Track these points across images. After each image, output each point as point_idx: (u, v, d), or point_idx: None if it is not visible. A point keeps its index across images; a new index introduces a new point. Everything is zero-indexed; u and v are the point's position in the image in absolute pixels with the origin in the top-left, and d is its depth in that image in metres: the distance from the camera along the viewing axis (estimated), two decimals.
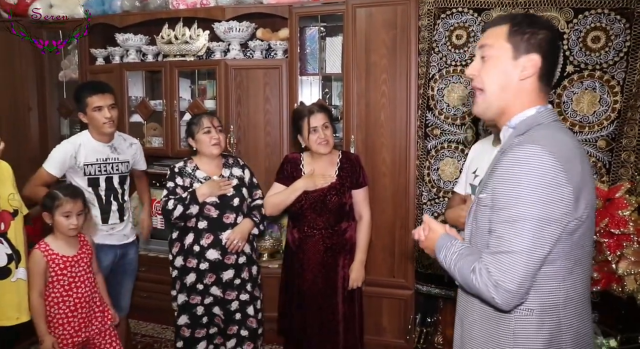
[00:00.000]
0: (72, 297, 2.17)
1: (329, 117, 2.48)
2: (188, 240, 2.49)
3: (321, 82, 3.25)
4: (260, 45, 3.27)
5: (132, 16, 3.49)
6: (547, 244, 1.13)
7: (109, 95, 2.55)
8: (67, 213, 2.14)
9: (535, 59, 1.21)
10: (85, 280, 2.21)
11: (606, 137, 2.59)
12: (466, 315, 1.33)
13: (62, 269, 2.15)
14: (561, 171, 1.11)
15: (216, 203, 2.47)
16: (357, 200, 2.52)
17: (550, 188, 1.11)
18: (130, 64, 3.53)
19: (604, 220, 2.36)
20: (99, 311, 2.27)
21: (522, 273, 1.11)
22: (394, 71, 2.90)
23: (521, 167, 1.13)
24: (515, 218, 1.12)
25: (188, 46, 3.31)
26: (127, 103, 3.48)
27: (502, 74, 1.24)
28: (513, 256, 1.11)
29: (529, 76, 1.22)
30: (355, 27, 2.94)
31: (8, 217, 2.11)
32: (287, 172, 2.52)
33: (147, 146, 3.41)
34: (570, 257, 1.18)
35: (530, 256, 1.11)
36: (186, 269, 2.48)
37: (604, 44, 2.54)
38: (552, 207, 1.11)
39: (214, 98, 3.34)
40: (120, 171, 2.64)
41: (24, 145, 3.79)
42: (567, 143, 1.19)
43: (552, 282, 1.18)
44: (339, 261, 2.47)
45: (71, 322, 2.16)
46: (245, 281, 2.54)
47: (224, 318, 2.52)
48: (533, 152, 1.13)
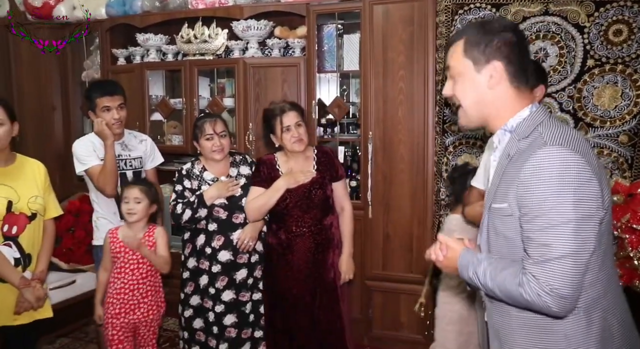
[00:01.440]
0: (120, 280, 2.29)
1: (301, 115, 2.44)
2: (200, 241, 2.48)
3: (339, 79, 3.27)
4: (278, 43, 3.30)
5: (152, 16, 3.55)
6: (591, 243, 1.12)
7: (118, 96, 2.56)
8: (125, 198, 2.31)
9: (498, 66, 1.22)
10: (135, 268, 2.30)
11: (628, 132, 2.55)
12: (503, 326, 1.29)
13: (117, 253, 2.31)
14: (585, 165, 1.11)
15: (225, 204, 2.45)
16: (338, 193, 2.49)
17: (582, 186, 1.10)
18: (150, 63, 3.59)
19: (626, 216, 2.33)
20: (143, 302, 2.32)
21: (574, 276, 1.10)
22: (411, 68, 2.90)
23: (548, 171, 1.11)
24: (555, 223, 1.10)
25: (207, 45, 3.35)
26: (147, 102, 3.55)
27: (472, 89, 1.26)
28: (562, 261, 1.09)
29: (497, 84, 1.23)
30: (373, 24, 2.95)
31: (24, 221, 2.09)
32: (265, 174, 2.44)
33: (167, 144, 3.47)
34: (601, 248, 1.18)
35: (578, 257, 1.10)
36: (199, 271, 2.48)
37: (626, 37, 2.51)
38: (587, 204, 1.10)
39: (233, 96, 3.39)
40: (134, 166, 2.67)
41: (49, 143, 3.90)
42: (577, 137, 1.19)
43: (590, 275, 1.16)
44: (328, 257, 2.44)
45: (115, 303, 2.28)
46: (257, 279, 2.52)
47: (238, 321, 2.47)
48: (555, 154, 1.12)
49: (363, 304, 3.13)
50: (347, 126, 3.29)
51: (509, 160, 1.23)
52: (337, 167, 2.49)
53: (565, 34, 2.64)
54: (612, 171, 2.58)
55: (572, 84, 2.65)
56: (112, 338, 2.31)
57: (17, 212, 2.07)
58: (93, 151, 2.54)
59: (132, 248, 2.29)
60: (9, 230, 2.05)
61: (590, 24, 2.57)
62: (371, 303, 3.12)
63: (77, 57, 3.91)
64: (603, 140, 2.61)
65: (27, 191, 2.12)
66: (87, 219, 3.25)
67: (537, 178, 1.12)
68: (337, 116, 3.17)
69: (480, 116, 1.29)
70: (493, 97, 1.25)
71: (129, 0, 3.60)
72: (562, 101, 2.67)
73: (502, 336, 1.29)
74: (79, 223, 3.30)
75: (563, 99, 2.67)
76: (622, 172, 2.57)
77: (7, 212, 2.03)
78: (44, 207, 2.18)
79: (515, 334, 1.25)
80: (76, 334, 3.30)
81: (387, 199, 3.01)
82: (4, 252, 2.04)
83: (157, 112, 3.60)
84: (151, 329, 2.40)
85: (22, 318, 2.10)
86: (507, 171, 1.22)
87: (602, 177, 1.17)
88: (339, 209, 2.51)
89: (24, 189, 2.11)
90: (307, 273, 2.41)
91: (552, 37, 2.67)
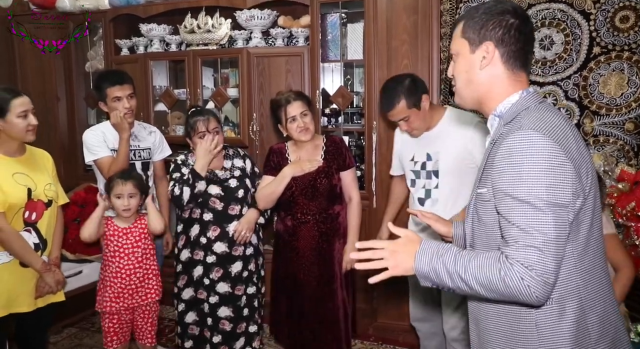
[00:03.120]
0: (115, 264, 2.30)
1: (307, 105, 2.44)
2: (194, 232, 2.47)
3: (343, 68, 3.25)
4: (281, 32, 3.29)
5: (156, 6, 3.54)
6: (566, 227, 1.10)
7: (128, 85, 2.58)
8: (118, 195, 2.29)
9: (489, 47, 1.22)
10: (129, 253, 2.32)
11: (634, 120, 2.54)
12: (479, 312, 1.28)
13: (112, 236, 2.32)
14: (558, 150, 1.09)
15: (220, 195, 2.46)
16: (346, 182, 2.50)
17: (554, 170, 1.08)
18: (154, 53, 3.59)
19: (631, 203, 2.32)
20: (141, 286, 2.35)
21: (555, 261, 1.08)
22: (415, 57, 2.89)
23: (520, 155, 1.09)
24: (529, 208, 1.08)
25: (210, 35, 3.34)
26: (151, 92, 3.55)
27: (465, 69, 1.27)
28: (542, 247, 1.07)
29: (487, 65, 1.23)
30: (377, 13, 2.93)
31: (42, 208, 2.17)
32: (274, 163, 2.50)
33: (171, 135, 3.47)
34: (579, 237, 1.16)
35: (557, 243, 1.08)
36: (193, 261, 2.47)
37: (633, 23, 2.49)
38: (562, 188, 1.09)
39: (237, 86, 3.38)
40: (143, 157, 2.70)
41: (53, 134, 3.92)
42: (557, 122, 1.16)
43: (566, 265, 1.14)
44: (334, 246, 2.46)
45: (112, 286, 2.30)
46: (252, 272, 2.53)
47: (234, 315, 2.48)
48: (526, 137, 1.10)
49: (367, 294, 3.14)
50: (351, 116, 3.29)
51: (492, 145, 1.22)
52: (345, 157, 2.50)
53: (571, 21, 2.62)
54: (617, 159, 2.57)
55: (578, 71, 2.63)
56: (108, 329, 2.32)
57: (36, 199, 2.14)
58: (103, 141, 2.56)
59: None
60: (29, 216, 2.13)
61: (596, 11, 2.55)
62: (375, 293, 3.12)
63: (80, 48, 3.91)
64: (609, 128, 2.60)
65: (42, 179, 2.20)
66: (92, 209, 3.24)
67: (508, 161, 1.11)
68: (341, 106, 3.16)
69: (473, 97, 1.29)
70: (484, 79, 1.24)
71: None
72: (568, 88, 2.65)
73: (480, 322, 1.28)
74: (84, 214, 3.30)
75: (568, 87, 2.65)
76: (628, 160, 2.56)
77: (28, 199, 2.11)
78: (58, 195, 2.26)
79: (490, 321, 1.25)
80: (82, 324, 3.33)
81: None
82: (25, 238, 2.11)
83: (161, 102, 3.60)
84: (149, 321, 2.41)
85: (38, 301, 2.18)
86: (490, 156, 1.21)
87: (581, 164, 1.14)
88: (347, 198, 2.52)
89: (39, 177, 2.19)
90: (312, 260, 2.43)
91: (558, 24, 2.65)
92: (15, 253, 2.08)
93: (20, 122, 2.08)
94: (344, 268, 2.46)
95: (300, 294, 2.46)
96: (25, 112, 2.09)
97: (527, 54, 1.24)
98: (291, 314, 2.50)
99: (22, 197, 2.09)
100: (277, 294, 2.56)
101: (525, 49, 1.23)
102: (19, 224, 2.10)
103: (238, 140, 3.31)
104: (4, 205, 2.04)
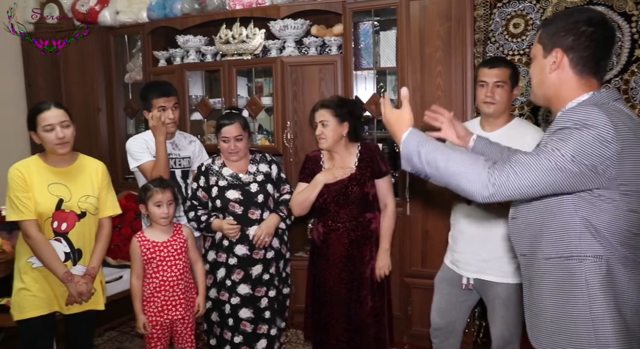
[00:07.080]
0: (158, 279, 2.33)
1: (332, 113, 2.43)
2: (218, 234, 2.54)
3: (376, 76, 3.26)
4: (315, 41, 3.32)
5: (192, 18, 3.63)
6: (561, 181, 1.18)
7: (173, 97, 2.69)
8: (158, 203, 2.32)
9: (558, 53, 1.32)
10: (172, 265, 2.35)
11: None
12: (532, 271, 1.38)
13: (152, 253, 2.33)
14: (611, 129, 1.15)
15: (240, 200, 2.50)
16: (381, 189, 2.50)
17: (593, 142, 1.15)
18: (190, 64, 3.68)
19: None
20: (183, 298, 2.38)
21: (516, 187, 1.18)
22: (449, 63, 2.88)
23: (573, 118, 1.19)
24: (549, 148, 1.19)
25: (245, 45, 3.41)
26: (187, 102, 3.64)
27: (539, 71, 1.39)
28: (529, 168, 1.18)
29: (556, 69, 1.33)
30: (409, 20, 2.93)
31: (73, 219, 2.20)
32: (309, 170, 2.54)
33: (207, 143, 3.54)
34: (624, 200, 1.22)
35: (534, 182, 1.18)
36: (217, 263, 2.53)
37: None
38: (587, 156, 1.15)
39: (271, 95, 3.43)
40: (182, 165, 2.77)
41: (95, 143, 4.05)
42: (623, 112, 1.24)
43: (627, 230, 1.23)
44: (365, 254, 2.45)
45: (155, 301, 2.33)
46: (273, 276, 2.55)
47: (254, 317, 2.51)
48: (584, 110, 1.20)
49: (402, 302, 3.12)
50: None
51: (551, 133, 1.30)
52: (379, 164, 2.50)
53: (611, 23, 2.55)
54: None
55: (619, 75, 2.57)
56: (151, 335, 2.36)
57: (68, 210, 2.19)
58: (146, 148, 2.65)
59: None
60: (58, 226, 2.18)
61: (638, 12, 2.48)
62: (410, 301, 3.10)
63: (120, 59, 4.05)
64: None
65: (80, 191, 2.23)
66: (132, 216, 3.36)
67: (560, 122, 1.22)
68: (374, 113, 3.16)
69: (543, 96, 1.40)
70: (554, 81, 1.35)
71: (169, 4, 3.70)
72: None
73: (532, 280, 1.38)
74: (124, 221, 3.41)
75: None
76: None
77: (56, 209, 2.16)
78: (95, 207, 2.28)
79: (543, 278, 1.34)
80: (123, 329, 3.43)
81: (426, 195, 2.98)
82: (55, 247, 2.16)
83: (196, 111, 3.69)
84: (188, 326, 2.44)
85: (73, 307, 2.25)
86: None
87: (633, 154, 1.20)
88: (382, 205, 2.52)
89: (78, 189, 2.23)
90: (342, 267, 2.44)
91: None
92: (41, 260, 2.14)
93: (46, 135, 2.13)
94: (378, 274, 2.46)
95: (331, 301, 2.47)
96: (50, 126, 2.12)
97: (599, 60, 1.32)
98: (324, 321, 2.51)
99: (50, 207, 2.14)
100: (311, 301, 2.58)
101: (596, 55, 1.30)
102: (49, 233, 2.16)
103: (272, 148, 3.36)
104: (35, 213, 2.12)
